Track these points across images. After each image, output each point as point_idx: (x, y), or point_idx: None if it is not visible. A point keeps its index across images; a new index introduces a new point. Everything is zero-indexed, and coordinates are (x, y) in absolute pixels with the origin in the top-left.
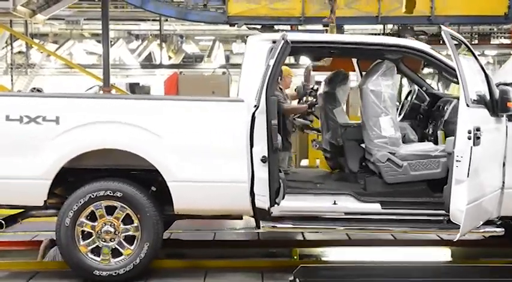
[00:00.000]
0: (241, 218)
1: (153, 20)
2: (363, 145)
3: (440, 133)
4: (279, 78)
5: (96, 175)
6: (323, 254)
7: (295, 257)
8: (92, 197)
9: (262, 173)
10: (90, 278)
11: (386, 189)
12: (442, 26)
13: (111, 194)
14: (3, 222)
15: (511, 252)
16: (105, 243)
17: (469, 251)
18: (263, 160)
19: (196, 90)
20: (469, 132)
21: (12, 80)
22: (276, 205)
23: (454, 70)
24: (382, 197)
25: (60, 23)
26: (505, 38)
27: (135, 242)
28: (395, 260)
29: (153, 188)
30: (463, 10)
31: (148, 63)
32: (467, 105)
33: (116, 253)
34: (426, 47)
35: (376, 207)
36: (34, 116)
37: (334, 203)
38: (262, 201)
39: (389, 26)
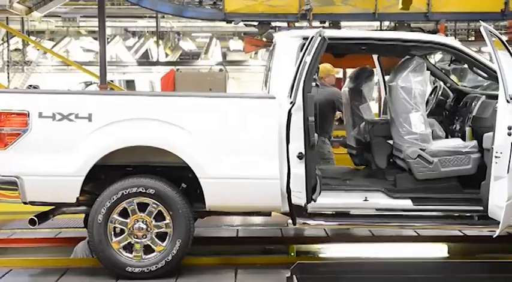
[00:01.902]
0: (270, 215)
1: (150, 17)
2: (390, 141)
3: (468, 129)
4: (316, 74)
5: (125, 172)
6: (320, 251)
7: (292, 254)
8: (125, 193)
9: (298, 169)
10: (123, 275)
11: (417, 185)
12: (481, 22)
13: (144, 191)
14: (36, 219)
15: (508, 248)
16: (137, 240)
17: (466, 246)
18: (299, 157)
19: (193, 87)
20: (509, 128)
21: (8, 77)
22: (312, 201)
23: (486, 66)
24: (413, 194)
25: (56, 20)
26: (502, 34)
27: (167, 238)
28: (393, 257)
29: (184, 185)
30: (460, 7)
31: (145, 60)
32: (508, 101)
33: (147, 250)
34: (458, 44)
35: (407, 203)
36: (67, 113)
37: (366, 200)
38: (299, 198)
39: (386, 23)
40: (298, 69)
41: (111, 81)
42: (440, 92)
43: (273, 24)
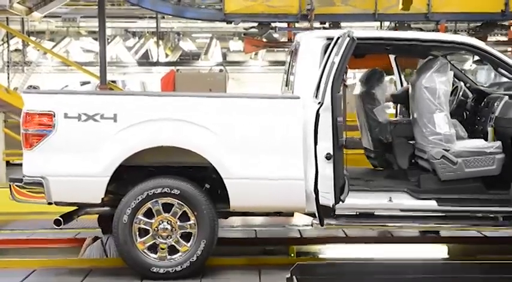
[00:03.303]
0: (292, 215)
1: (150, 18)
2: (411, 142)
3: (490, 130)
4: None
5: (148, 172)
6: (320, 252)
7: (292, 255)
8: (150, 194)
9: (326, 170)
10: (148, 275)
11: (441, 186)
12: None
13: (169, 191)
14: (61, 219)
15: (508, 249)
16: (162, 240)
17: (466, 248)
18: (327, 157)
19: (193, 88)
20: None
21: (8, 78)
22: (340, 202)
23: (511, 66)
24: (438, 194)
25: (56, 20)
26: (502, 35)
27: (192, 239)
28: (392, 257)
29: (207, 185)
30: (460, 7)
31: (145, 60)
32: None
33: (172, 250)
34: (482, 44)
35: (432, 204)
36: (92, 113)
37: (390, 200)
38: (327, 199)
39: (386, 23)
40: (324, 69)
41: (113, 81)
42: (461, 93)
43: (273, 24)
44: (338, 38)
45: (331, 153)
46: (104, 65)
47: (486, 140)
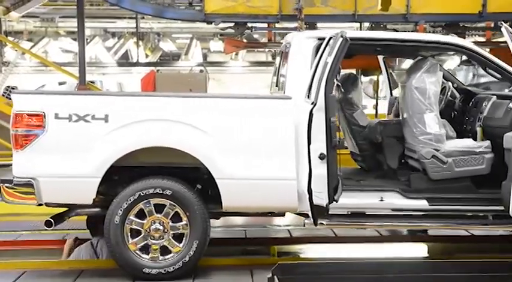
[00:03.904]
0: (284, 215)
1: (130, 18)
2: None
3: (479, 129)
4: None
5: (138, 173)
6: (302, 251)
7: (273, 255)
8: (142, 194)
9: (320, 170)
10: (140, 276)
11: (431, 185)
12: (502, 23)
13: (161, 192)
14: (52, 220)
15: (487, 247)
16: (154, 241)
17: (444, 246)
18: (321, 157)
19: (173, 88)
20: None
21: None
22: (334, 202)
23: (500, 67)
24: (428, 194)
25: (35, 20)
26: (479, 35)
27: (184, 239)
28: (374, 257)
29: (199, 186)
30: (438, 8)
31: (125, 61)
32: None
33: (164, 251)
34: (472, 45)
35: (423, 203)
36: (83, 114)
37: (381, 200)
38: (320, 198)
39: (366, 24)
40: (316, 69)
41: (91, 82)
42: (449, 93)
43: (250, 25)
44: (330, 38)
45: (325, 153)
46: (83, 66)
47: (475, 139)
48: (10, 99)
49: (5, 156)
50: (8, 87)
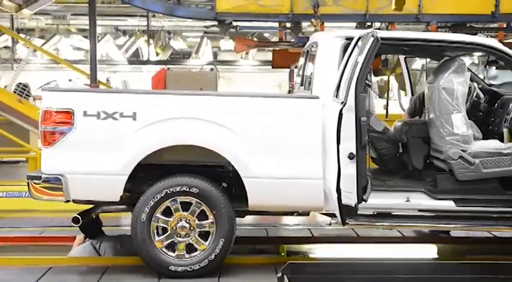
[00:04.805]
0: (308, 214)
1: (141, 16)
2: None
3: (505, 131)
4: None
5: (164, 171)
6: (311, 251)
7: (282, 254)
8: (169, 192)
9: (349, 169)
10: (166, 274)
11: (458, 186)
12: None
13: (187, 190)
14: (79, 217)
15: (496, 249)
16: (180, 239)
17: (455, 248)
18: (350, 157)
19: (184, 86)
20: None
21: None
22: (363, 202)
23: None
24: (455, 195)
25: (46, 17)
26: (491, 36)
27: (210, 237)
28: (382, 257)
29: (224, 184)
30: (450, 8)
31: (136, 59)
32: None
33: (190, 249)
34: (500, 45)
35: (450, 204)
36: (111, 112)
37: (407, 200)
38: (349, 198)
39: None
40: (344, 69)
41: (107, 80)
42: (474, 93)
43: (234, 23)
44: (359, 38)
45: (354, 152)
46: (95, 63)
47: (501, 140)
48: (22, 96)
49: (16, 152)
50: (20, 84)
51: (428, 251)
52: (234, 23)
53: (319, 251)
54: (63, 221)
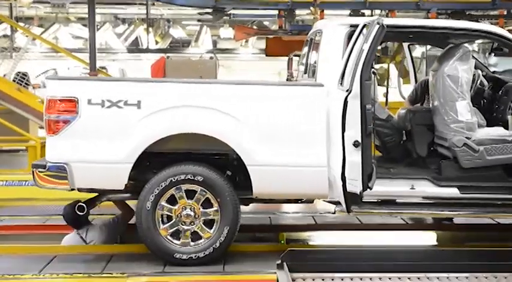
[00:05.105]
0: (312, 202)
1: (140, 4)
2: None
3: (510, 118)
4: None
5: (168, 159)
6: (310, 238)
7: (282, 241)
8: (173, 180)
9: (354, 157)
10: (171, 261)
11: (462, 174)
12: None
13: (192, 178)
14: (84, 205)
15: (496, 236)
16: (185, 227)
17: (454, 235)
18: (355, 144)
19: (183, 75)
20: None
21: None
22: (368, 189)
23: None
24: (459, 182)
25: (45, 6)
26: (492, 24)
27: (215, 225)
28: (382, 244)
29: (229, 172)
30: None
31: (135, 47)
32: None
33: (195, 237)
34: (506, 32)
35: (454, 191)
36: (116, 100)
37: (412, 188)
38: (354, 186)
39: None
40: (349, 57)
41: (104, 68)
42: (478, 81)
43: (229, 11)
44: (364, 25)
45: (359, 140)
46: (94, 52)
47: (505, 128)
48: (21, 84)
49: (15, 141)
50: (19, 73)
51: (431, 238)
52: (229, 11)
53: (321, 239)
54: None
